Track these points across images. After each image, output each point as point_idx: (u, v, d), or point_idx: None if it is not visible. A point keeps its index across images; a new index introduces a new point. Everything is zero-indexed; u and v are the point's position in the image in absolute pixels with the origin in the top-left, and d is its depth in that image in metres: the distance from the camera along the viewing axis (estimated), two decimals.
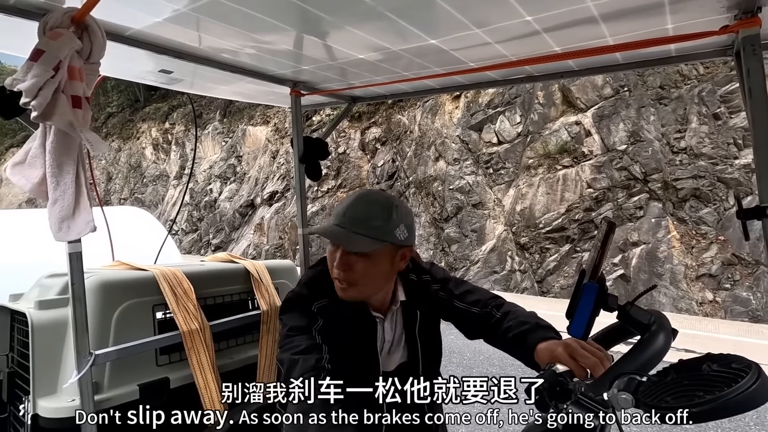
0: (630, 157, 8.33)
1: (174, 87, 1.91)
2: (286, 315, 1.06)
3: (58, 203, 0.99)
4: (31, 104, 0.90)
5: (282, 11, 1.14)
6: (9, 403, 1.53)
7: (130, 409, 1.37)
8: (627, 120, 8.52)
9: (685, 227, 7.80)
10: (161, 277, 1.52)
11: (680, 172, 7.91)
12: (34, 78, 0.88)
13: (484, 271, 9.31)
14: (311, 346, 0.97)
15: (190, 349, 1.45)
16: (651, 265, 7.76)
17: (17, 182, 1.04)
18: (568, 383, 0.92)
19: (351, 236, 1.00)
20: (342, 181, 12.66)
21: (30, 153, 1.02)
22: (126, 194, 19.83)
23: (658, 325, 0.88)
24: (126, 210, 3.33)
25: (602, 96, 8.91)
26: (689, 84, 8.17)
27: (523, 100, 9.65)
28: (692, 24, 1.11)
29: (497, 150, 9.85)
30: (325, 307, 1.05)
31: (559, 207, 8.81)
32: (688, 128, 8.00)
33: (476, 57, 1.44)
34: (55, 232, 1.00)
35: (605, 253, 0.93)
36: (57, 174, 0.99)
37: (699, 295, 7.41)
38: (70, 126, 0.94)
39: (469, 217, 9.88)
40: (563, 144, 9.03)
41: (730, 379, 0.73)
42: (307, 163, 1.94)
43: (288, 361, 0.95)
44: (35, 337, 1.37)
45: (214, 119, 17.21)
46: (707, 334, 6.25)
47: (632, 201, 8.21)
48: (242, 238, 14.87)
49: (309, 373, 0.91)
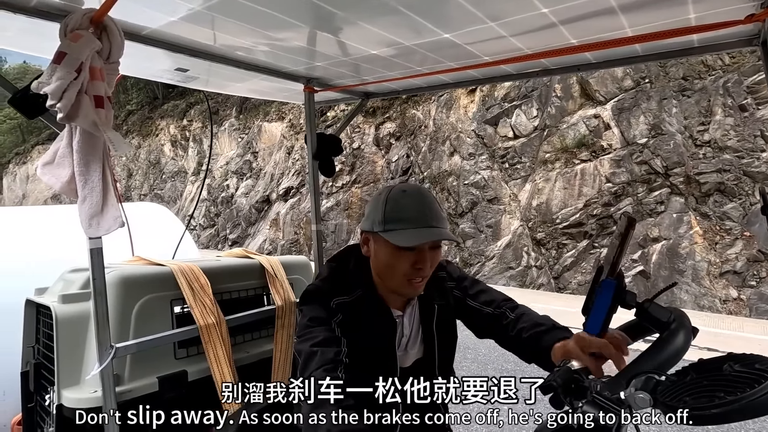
0: (651, 150, 8.14)
1: (190, 85, 1.94)
2: (306, 306, 1.06)
3: (87, 201, 1.02)
4: (57, 106, 0.93)
5: (295, 8, 1.15)
6: (35, 393, 1.58)
7: (150, 401, 1.42)
8: (648, 113, 8.31)
9: (709, 223, 7.60)
10: (179, 272, 1.55)
11: (704, 165, 7.69)
12: (59, 80, 0.91)
13: (500, 267, 9.24)
14: (330, 338, 0.98)
15: (207, 343, 1.48)
16: (672, 261, 7.59)
17: (47, 181, 1.07)
18: (584, 380, 0.90)
19: (446, 233, 1.02)
20: (356, 176, 12.69)
21: (58, 153, 1.06)
22: (146, 190, 20.25)
23: (678, 324, 0.86)
24: (145, 206, 3.41)
25: (622, 88, 8.70)
26: (714, 75, 7.91)
27: (540, 94, 9.49)
28: (716, 13, 1.07)
29: (513, 144, 9.72)
30: (345, 304, 1.05)
31: (577, 202, 8.67)
32: (713, 120, 7.77)
33: (491, 51, 1.42)
34: (86, 228, 1.04)
35: (624, 249, 0.91)
36: (85, 172, 1.02)
37: (723, 293, 7.22)
38: (94, 126, 0.96)
39: (484, 213, 9.80)
40: (581, 138, 8.87)
41: (753, 380, 0.71)
42: (321, 160, 1.95)
43: (306, 352, 0.95)
44: (59, 330, 1.41)
45: (231, 116, 17.42)
46: (731, 332, 6.09)
47: (653, 196, 8.03)
48: (258, 234, 15.06)
49: (326, 366, 0.91)
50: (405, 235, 0.98)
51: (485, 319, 1.16)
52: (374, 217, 1.04)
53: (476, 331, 1.21)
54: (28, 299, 1.63)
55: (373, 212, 1.05)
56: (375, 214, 1.03)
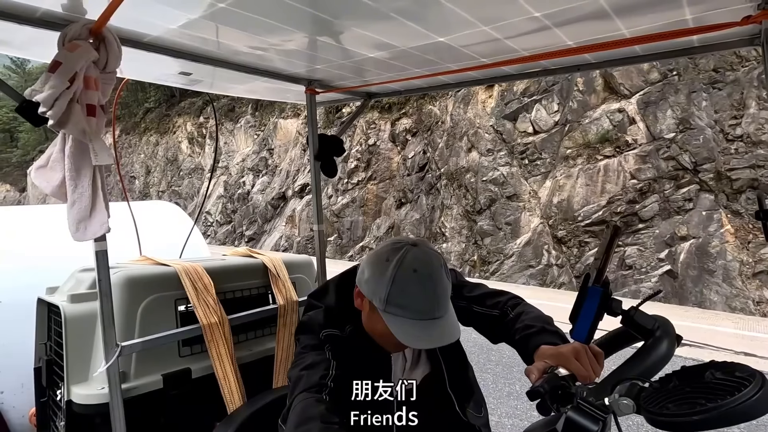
0: (678, 145, 7.92)
1: (194, 87, 2.01)
2: (302, 335, 1.08)
3: (76, 205, 1.07)
4: (48, 114, 0.98)
5: (292, 17, 1.18)
6: (48, 388, 1.68)
7: (155, 397, 1.49)
8: (676, 106, 8.08)
9: (741, 221, 7.35)
10: (183, 272, 1.62)
11: (735, 161, 7.45)
12: (51, 89, 0.95)
13: (519, 266, 9.15)
14: (318, 361, 0.98)
15: (210, 342, 1.55)
16: (701, 260, 7.39)
17: (39, 185, 1.13)
18: (570, 387, 0.92)
19: (449, 330, 0.97)
20: (372, 173, 12.73)
21: (51, 157, 1.11)
22: (164, 187, 20.74)
23: (662, 331, 0.88)
24: (156, 204, 3.52)
25: (648, 81, 8.47)
26: (747, 66, 7.63)
27: (561, 88, 9.33)
28: (712, 14, 1.06)
29: (533, 140, 9.59)
30: (336, 337, 1.05)
31: (600, 199, 8.51)
32: (746, 114, 7.51)
33: (488, 53, 1.44)
34: (73, 232, 1.08)
35: (610, 256, 0.93)
36: (75, 177, 1.06)
37: (756, 294, 6.99)
38: (82, 134, 1.01)
39: (503, 210, 9.71)
40: (604, 133, 8.69)
41: (733, 388, 0.73)
42: (323, 161, 1.99)
43: (295, 376, 0.97)
44: (68, 328, 1.49)
45: (246, 113, 17.67)
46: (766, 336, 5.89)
47: (680, 193, 7.82)
48: (274, 230, 15.27)
49: (312, 388, 0.92)
50: (407, 328, 0.93)
51: (492, 322, 1.16)
52: (375, 288, 0.97)
53: (489, 337, 1.19)
54: (40, 298, 1.72)
55: (375, 281, 0.97)
56: (377, 285, 0.96)
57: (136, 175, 22.44)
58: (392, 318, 0.94)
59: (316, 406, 0.88)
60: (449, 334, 0.96)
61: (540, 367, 0.95)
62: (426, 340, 0.94)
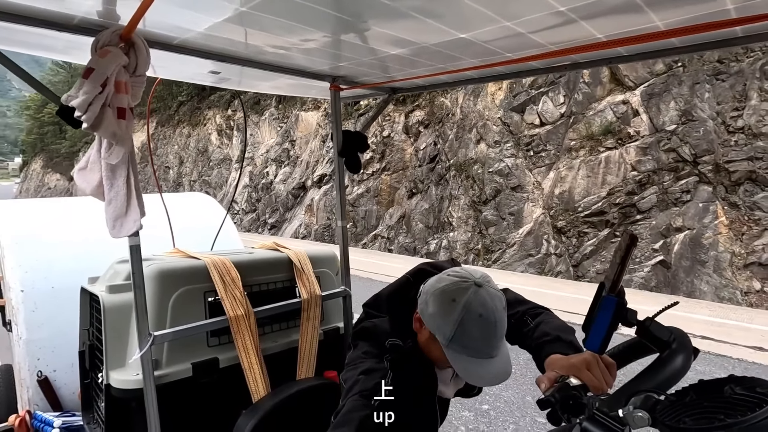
0: (679, 137, 7.61)
1: (223, 85, 1.93)
2: (361, 341, 1.07)
3: (112, 204, 1.05)
4: (82, 118, 0.95)
5: (312, 18, 1.12)
6: (90, 370, 1.66)
7: (186, 385, 1.46)
8: (679, 98, 7.74)
9: (737, 212, 7.07)
10: (212, 265, 1.56)
11: (734, 153, 7.13)
12: (85, 95, 0.93)
13: (520, 254, 9.01)
14: (376, 369, 0.97)
15: (236, 333, 1.49)
16: (694, 251, 7.15)
17: (80, 186, 1.09)
18: (582, 397, 0.85)
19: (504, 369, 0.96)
20: (386, 164, 12.60)
21: (90, 159, 1.08)
22: (195, 177, 20.93)
23: (679, 344, 0.79)
24: (192, 196, 3.49)
25: (653, 72, 8.10)
26: (752, 57, 7.23)
27: (568, 80, 9.01)
28: (757, 4, 0.92)
29: (539, 132, 9.34)
30: (398, 347, 1.03)
31: (600, 190, 8.27)
32: (747, 106, 7.15)
33: (513, 47, 1.31)
34: (110, 229, 1.07)
35: (625, 266, 0.83)
36: (111, 177, 1.04)
37: (745, 284, 6.75)
38: (113, 136, 0.98)
39: (507, 200, 9.54)
40: (608, 125, 8.40)
41: (754, 404, 0.66)
42: (347, 156, 1.90)
43: (352, 380, 0.96)
44: (106, 317, 1.47)
45: (271, 105, 17.60)
46: (760, 327, 5.70)
47: (679, 184, 7.54)
48: (294, 218, 15.33)
49: (363, 392, 0.91)
50: (466, 365, 0.93)
51: (511, 330, 1.09)
52: (440, 325, 0.94)
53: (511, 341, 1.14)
54: (83, 287, 1.69)
55: (440, 318, 0.94)
56: (443, 324, 0.93)
57: (171, 166, 22.67)
58: (454, 354, 0.94)
59: (362, 409, 0.88)
60: (504, 371, 0.96)
61: (551, 376, 0.91)
62: (488, 378, 0.95)
